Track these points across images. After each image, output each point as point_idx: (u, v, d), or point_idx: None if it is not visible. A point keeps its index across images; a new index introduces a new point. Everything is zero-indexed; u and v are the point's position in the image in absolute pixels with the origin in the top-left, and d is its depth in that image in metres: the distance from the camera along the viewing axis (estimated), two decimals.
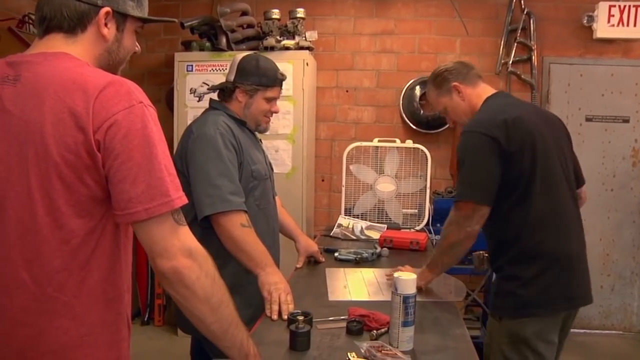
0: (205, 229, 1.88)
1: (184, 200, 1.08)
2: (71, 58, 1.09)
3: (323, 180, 4.39)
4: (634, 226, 4.24)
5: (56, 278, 1.04)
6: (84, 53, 1.12)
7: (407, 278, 1.52)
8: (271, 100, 2.15)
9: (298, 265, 2.41)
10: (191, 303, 1.09)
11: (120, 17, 1.17)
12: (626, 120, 4.19)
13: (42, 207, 1.02)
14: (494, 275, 2.37)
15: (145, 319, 4.29)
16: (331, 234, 3.23)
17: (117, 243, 1.11)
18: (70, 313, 1.06)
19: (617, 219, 4.20)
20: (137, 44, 1.26)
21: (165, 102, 4.20)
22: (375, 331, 1.60)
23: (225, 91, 2.14)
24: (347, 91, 4.35)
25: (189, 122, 3.74)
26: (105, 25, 1.14)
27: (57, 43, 1.11)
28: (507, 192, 1.86)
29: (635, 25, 3.92)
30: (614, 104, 4.18)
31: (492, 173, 1.84)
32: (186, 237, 1.08)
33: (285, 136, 3.82)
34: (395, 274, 1.54)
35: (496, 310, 1.95)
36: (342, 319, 1.69)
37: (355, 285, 2.17)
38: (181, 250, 1.05)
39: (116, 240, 1.11)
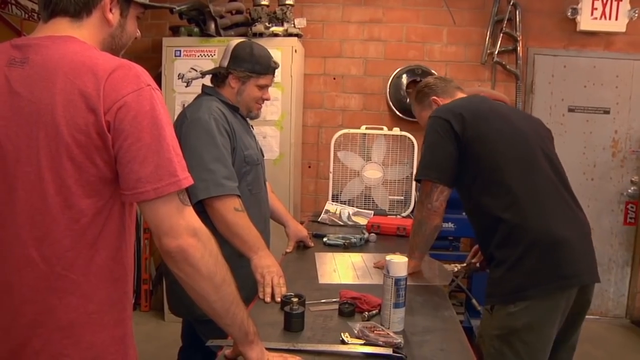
0: (199, 213, 1.89)
1: (190, 180, 1.10)
2: (78, 42, 1.10)
3: (310, 167, 4.42)
4: (612, 215, 4.35)
5: (65, 257, 1.06)
6: (89, 37, 1.14)
7: (399, 261, 1.56)
8: (263, 87, 2.18)
9: (288, 250, 2.44)
10: (195, 281, 1.11)
11: (125, 3, 1.19)
12: (607, 112, 4.29)
13: (52, 187, 1.04)
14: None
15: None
16: (319, 219, 3.27)
17: (123, 223, 1.14)
18: (78, 291, 1.08)
19: (597, 208, 4.30)
20: (137, 29, 1.28)
21: (161, 91, 4.17)
22: (367, 313, 1.65)
23: (218, 77, 2.16)
24: (334, 78, 4.37)
25: (177, 107, 3.80)
26: (110, 10, 1.16)
27: (62, 27, 1.12)
28: (472, 179, 1.94)
29: (616, 19, 4.01)
30: (596, 96, 4.27)
31: (448, 152, 1.94)
32: (191, 217, 1.11)
33: (273, 122, 3.84)
34: (388, 257, 1.58)
35: (488, 299, 1.91)
36: (334, 302, 1.73)
37: (344, 269, 2.22)
38: (187, 230, 1.08)
39: (122, 220, 1.14)
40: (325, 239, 2.63)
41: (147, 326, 4.02)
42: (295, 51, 3.83)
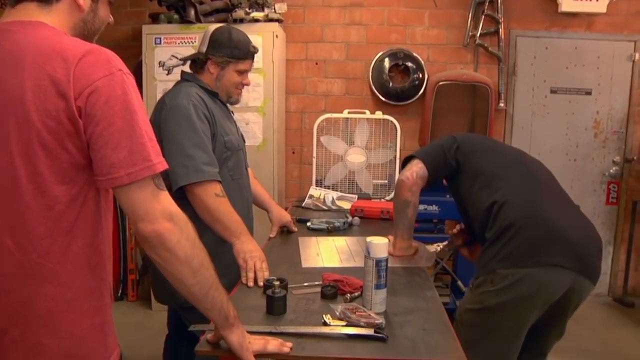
0: (179, 199, 1.88)
1: (164, 165, 1.09)
2: (48, 27, 1.08)
3: (293, 153, 4.41)
4: (595, 195, 4.40)
5: (41, 244, 1.05)
6: (59, 22, 1.12)
7: (379, 242, 1.57)
8: (243, 72, 2.17)
9: (271, 235, 2.45)
10: (172, 265, 1.11)
11: None
12: (588, 93, 4.31)
13: (24, 174, 1.02)
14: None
15: (119, 294, 4.28)
16: (303, 204, 3.27)
17: (99, 210, 1.13)
18: (56, 279, 1.07)
19: (579, 189, 4.34)
20: (110, 14, 1.26)
21: (133, 76, 4.12)
22: (349, 295, 1.66)
23: (197, 62, 2.14)
24: (316, 63, 4.35)
25: (158, 95, 3.76)
26: None
27: (31, 12, 1.10)
28: (471, 181, 2.08)
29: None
30: (577, 77, 4.29)
31: (440, 148, 2.16)
32: (167, 201, 1.10)
33: (256, 109, 3.81)
34: (368, 239, 1.59)
35: (474, 276, 2.01)
36: (317, 284, 1.74)
37: (328, 253, 2.22)
38: (162, 214, 1.07)
39: (98, 207, 1.12)
40: (308, 224, 2.63)
41: (135, 316, 4.01)
42: (277, 37, 3.81)
